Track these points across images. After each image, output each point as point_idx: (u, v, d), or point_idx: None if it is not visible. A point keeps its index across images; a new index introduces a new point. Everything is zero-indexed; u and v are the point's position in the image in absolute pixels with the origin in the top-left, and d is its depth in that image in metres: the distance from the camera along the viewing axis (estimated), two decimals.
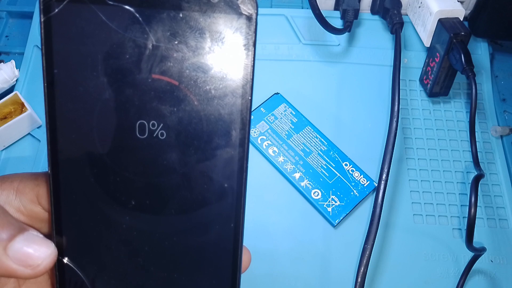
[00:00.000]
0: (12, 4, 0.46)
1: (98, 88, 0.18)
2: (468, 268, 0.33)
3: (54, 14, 0.17)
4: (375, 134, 0.39)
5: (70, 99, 0.18)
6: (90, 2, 0.17)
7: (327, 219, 0.35)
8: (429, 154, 0.39)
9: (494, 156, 0.40)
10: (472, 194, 0.32)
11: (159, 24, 0.18)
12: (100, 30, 0.18)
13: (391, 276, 0.34)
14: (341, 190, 0.36)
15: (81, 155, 0.19)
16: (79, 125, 0.18)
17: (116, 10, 0.17)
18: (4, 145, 0.37)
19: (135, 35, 0.18)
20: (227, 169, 0.19)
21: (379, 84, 0.42)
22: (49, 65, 0.18)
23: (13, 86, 0.40)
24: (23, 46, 0.42)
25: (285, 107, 0.40)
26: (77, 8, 0.17)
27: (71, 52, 0.18)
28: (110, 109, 0.18)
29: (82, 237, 0.19)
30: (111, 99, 0.18)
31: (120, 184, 0.19)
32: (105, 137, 0.19)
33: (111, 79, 0.18)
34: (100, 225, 0.19)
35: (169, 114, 0.18)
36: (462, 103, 0.42)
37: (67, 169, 0.19)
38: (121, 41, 0.18)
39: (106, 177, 0.19)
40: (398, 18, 0.41)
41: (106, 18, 0.18)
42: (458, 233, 0.36)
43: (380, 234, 0.34)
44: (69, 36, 0.18)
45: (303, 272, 0.34)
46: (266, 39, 0.43)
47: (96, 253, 0.19)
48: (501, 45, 0.46)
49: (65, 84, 0.18)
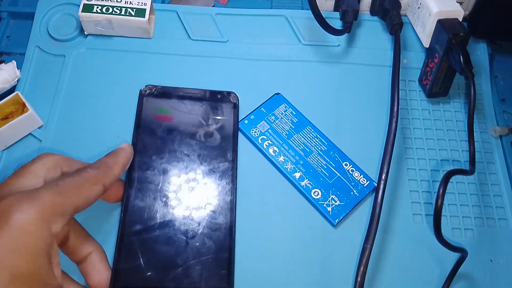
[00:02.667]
0: (13, 5, 0.46)
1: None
2: (455, 269, 0.33)
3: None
4: (374, 134, 0.39)
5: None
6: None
7: (327, 219, 0.35)
8: (429, 154, 0.39)
9: (493, 156, 0.40)
10: (440, 186, 0.32)
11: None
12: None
13: (391, 276, 0.34)
14: (341, 190, 0.36)
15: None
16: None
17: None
18: (5, 145, 0.38)
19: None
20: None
21: (378, 84, 0.42)
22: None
23: (14, 86, 0.40)
24: (24, 47, 0.42)
25: (285, 107, 0.40)
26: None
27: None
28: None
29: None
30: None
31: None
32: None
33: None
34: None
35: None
36: (461, 104, 0.42)
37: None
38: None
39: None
40: (397, 19, 0.41)
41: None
42: (458, 233, 0.36)
43: (379, 234, 0.34)
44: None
45: (302, 271, 0.34)
46: (266, 40, 0.44)
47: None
48: (500, 46, 0.47)
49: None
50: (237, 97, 0.39)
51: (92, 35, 0.43)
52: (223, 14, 0.45)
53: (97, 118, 0.39)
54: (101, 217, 0.34)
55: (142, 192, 0.34)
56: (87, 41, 0.43)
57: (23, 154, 0.38)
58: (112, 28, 0.42)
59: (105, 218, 0.35)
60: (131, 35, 0.43)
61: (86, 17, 0.41)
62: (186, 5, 0.46)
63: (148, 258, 0.32)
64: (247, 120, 0.39)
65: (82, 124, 0.39)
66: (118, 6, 0.41)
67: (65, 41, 0.43)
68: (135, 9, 0.41)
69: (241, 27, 0.44)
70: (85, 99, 0.40)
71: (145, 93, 0.38)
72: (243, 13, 0.45)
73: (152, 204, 0.34)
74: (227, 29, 0.44)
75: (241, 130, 0.39)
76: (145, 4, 0.42)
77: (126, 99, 0.40)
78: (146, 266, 0.31)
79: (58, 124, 0.39)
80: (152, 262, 0.31)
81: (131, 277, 0.31)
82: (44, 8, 0.44)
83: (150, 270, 0.31)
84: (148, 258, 0.32)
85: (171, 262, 0.32)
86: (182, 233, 0.33)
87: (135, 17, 0.41)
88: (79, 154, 0.37)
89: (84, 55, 0.42)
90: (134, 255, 0.32)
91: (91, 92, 0.40)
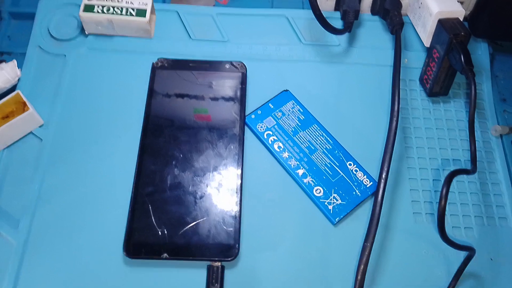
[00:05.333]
0: (14, 5, 0.46)
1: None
2: (462, 268, 0.33)
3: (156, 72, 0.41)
4: (375, 133, 0.39)
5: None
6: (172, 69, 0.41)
7: (327, 217, 0.35)
8: (429, 153, 0.39)
9: (493, 155, 0.40)
10: (444, 187, 0.32)
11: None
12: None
13: (391, 274, 0.34)
14: (343, 189, 0.36)
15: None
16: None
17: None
18: (6, 144, 0.38)
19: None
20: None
21: (379, 84, 0.42)
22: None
23: (15, 85, 0.40)
24: (25, 46, 0.42)
25: (293, 104, 0.40)
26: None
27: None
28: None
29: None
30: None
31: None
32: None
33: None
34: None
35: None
36: (462, 103, 0.42)
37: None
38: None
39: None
40: (398, 18, 0.41)
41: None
42: (458, 231, 0.36)
43: (380, 232, 0.34)
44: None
45: (302, 269, 0.34)
46: (267, 40, 0.44)
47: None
48: (501, 45, 0.47)
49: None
50: (245, 67, 0.41)
51: (93, 35, 0.43)
52: (223, 14, 0.45)
53: (98, 118, 0.39)
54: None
55: (154, 157, 0.36)
56: (88, 41, 0.43)
57: (24, 153, 0.38)
58: (113, 28, 0.42)
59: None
60: (132, 35, 0.43)
61: (87, 17, 0.41)
62: (187, 5, 0.46)
63: (159, 217, 0.34)
64: (254, 115, 0.39)
65: (83, 123, 0.39)
66: (119, 6, 0.41)
67: (66, 41, 0.43)
68: (136, 9, 0.42)
69: (241, 27, 0.44)
70: (86, 99, 0.40)
71: (157, 66, 0.40)
72: (243, 13, 0.45)
73: (163, 167, 0.36)
74: (228, 29, 0.44)
75: (248, 124, 0.39)
76: (146, 4, 0.42)
77: (127, 98, 0.40)
78: (157, 224, 0.34)
79: (59, 123, 0.39)
80: (163, 220, 0.34)
81: (144, 233, 0.33)
82: (45, 8, 0.44)
83: (161, 228, 0.34)
84: (159, 216, 0.34)
85: (181, 220, 0.34)
86: (191, 194, 0.35)
87: (136, 17, 0.41)
88: (79, 153, 0.38)
89: (84, 55, 0.42)
90: (147, 214, 0.34)
91: (92, 92, 0.40)
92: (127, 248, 0.33)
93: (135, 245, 0.33)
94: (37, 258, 0.34)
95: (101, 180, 0.37)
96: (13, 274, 0.33)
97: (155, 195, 0.35)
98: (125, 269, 0.34)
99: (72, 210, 0.35)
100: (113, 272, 0.33)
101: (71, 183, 0.36)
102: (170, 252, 0.33)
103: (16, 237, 0.34)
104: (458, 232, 0.36)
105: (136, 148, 0.37)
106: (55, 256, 0.34)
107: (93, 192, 0.36)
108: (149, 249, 0.33)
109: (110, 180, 0.37)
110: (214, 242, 0.33)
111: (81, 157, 0.37)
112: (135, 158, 0.36)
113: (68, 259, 0.34)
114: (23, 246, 0.34)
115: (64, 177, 0.37)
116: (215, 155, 0.37)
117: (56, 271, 0.33)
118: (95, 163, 0.37)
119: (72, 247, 0.34)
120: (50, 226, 0.35)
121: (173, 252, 0.33)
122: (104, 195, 0.36)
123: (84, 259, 0.34)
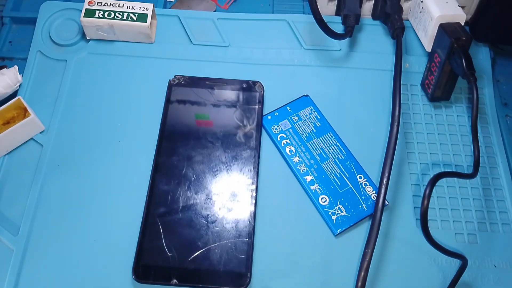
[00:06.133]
0: (15, 10, 0.47)
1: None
2: (455, 279, 0.33)
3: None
4: (376, 138, 0.39)
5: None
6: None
7: (330, 227, 0.35)
8: (431, 158, 0.39)
9: (496, 161, 0.39)
10: (427, 187, 0.32)
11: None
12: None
13: (392, 281, 0.34)
14: (349, 201, 0.36)
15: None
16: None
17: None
18: (7, 150, 0.38)
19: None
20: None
21: (380, 89, 0.42)
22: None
23: (16, 91, 0.40)
24: (26, 52, 0.42)
25: (311, 110, 0.40)
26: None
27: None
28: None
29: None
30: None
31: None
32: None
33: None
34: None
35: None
36: (464, 108, 0.42)
37: None
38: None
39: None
40: (399, 23, 0.41)
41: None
42: (460, 238, 0.36)
43: (380, 239, 0.34)
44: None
45: (301, 277, 0.34)
46: (268, 44, 0.44)
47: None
48: (503, 50, 0.46)
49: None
50: (263, 87, 0.40)
51: (94, 40, 0.43)
52: (224, 18, 0.45)
53: (99, 123, 0.39)
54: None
55: (167, 177, 0.36)
56: (89, 46, 0.43)
57: (25, 159, 0.38)
58: (113, 33, 0.42)
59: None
60: (133, 40, 0.43)
61: (88, 22, 0.41)
62: (188, 10, 0.46)
63: (170, 240, 0.33)
64: (271, 116, 0.39)
65: (84, 128, 0.39)
66: (120, 11, 0.41)
67: (67, 46, 0.43)
68: (137, 14, 0.42)
69: (242, 31, 0.44)
70: (87, 104, 0.40)
71: (173, 83, 0.40)
72: (244, 17, 0.45)
73: (176, 188, 0.35)
74: (229, 33, 0.44)
75: (263, 125, 0.39)
76: (147, 9, 0.42)
77: (128, 104, 0.40)
78: (168, 247, 0.33)
79: (60, 129, 0.39)
80: (174, 243, 0.33)
81: (153, 256, 0.33)
82: (46, 13, 0.44)
83: (171, 251, 0.33)
84: (170, 239, 0.33)
85: (192, 244, 0.33)
86: (203, 217, 0.34)
87: (137, 22, 0.41)
88: (80, 158, 0.37)
89: (85, 60, 0.42)
90: (157, 236, 0.33)
91: (93, 97, 0.40)
92: (136, 271, 0.32)
93: (144, 268, 0.32)
94: (37, 265, 0.34)
95: (103, 187, 0.36)
96: (12, 281, 0.33)
97: (166, 215, 0.34)
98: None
99: (73, 217, 0.35)
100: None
101: (72, 190, 0.36)
102: (179, 278, 0.32)
103: (15, 244, 0.34)
104: (461, 238, 0.36)
105: (139, 154, 0.37)
106: (55, 263, 0.34)
107: (93, 199, 0.36)
108: (159, 273, 0.32)
109: (111, 186, 0.36)
110: (225, 269, 0.32)
111: (82, 163, 0.37)
112: (138, 165, 0.36)
113: (67, 268, 0.33)
114: (22, 253, 0.34)
115: (64, 183, 0.36)
116: (230, 178, 0.36)
117: (55, 278, 0.33)
118: (96, 170, 0.37)
119: (73, 256, 0.34)
120: (50, 232, 0.35)
121: (182, 278, 0.32)
122: (105, 201, 0.36)
123: (84, 269, 0.34)
